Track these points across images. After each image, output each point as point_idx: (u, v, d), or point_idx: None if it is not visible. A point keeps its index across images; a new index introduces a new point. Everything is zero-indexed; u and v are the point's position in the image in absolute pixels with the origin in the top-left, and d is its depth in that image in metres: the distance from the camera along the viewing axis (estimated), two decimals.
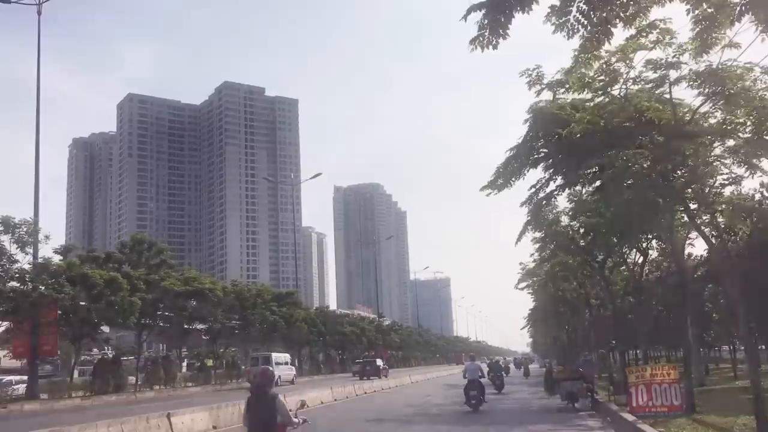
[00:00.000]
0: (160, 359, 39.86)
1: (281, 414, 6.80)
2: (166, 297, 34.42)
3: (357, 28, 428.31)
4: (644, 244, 20.37)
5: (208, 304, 39.37)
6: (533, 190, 14.09)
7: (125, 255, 36.11)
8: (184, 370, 46.16)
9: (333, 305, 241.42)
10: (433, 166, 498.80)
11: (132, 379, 35.58)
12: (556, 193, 13.95)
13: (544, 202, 14.18)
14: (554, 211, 23.37)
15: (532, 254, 30.78)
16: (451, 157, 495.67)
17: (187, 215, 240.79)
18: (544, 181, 13.53)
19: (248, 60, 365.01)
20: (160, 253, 36.85)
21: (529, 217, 14.67)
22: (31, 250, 26.72)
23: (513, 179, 13.79)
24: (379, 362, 55.70)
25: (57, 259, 30.35)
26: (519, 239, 15.65)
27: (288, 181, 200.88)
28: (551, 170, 13.48)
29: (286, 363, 45.13)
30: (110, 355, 37.83)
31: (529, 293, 51.50)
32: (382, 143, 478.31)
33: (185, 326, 40.62)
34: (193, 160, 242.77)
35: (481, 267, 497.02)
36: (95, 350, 47.52)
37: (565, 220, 23.76)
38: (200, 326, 42.52)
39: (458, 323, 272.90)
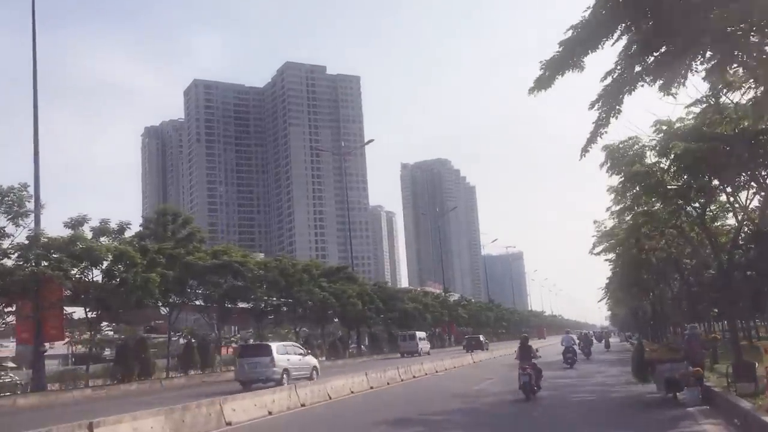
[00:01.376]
0: (196, 342, 36.49)
1: None
2: (190, 273, 30.75)
3: (421, 3, 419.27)
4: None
5: (245, 280, 35.65)
6: (608, 78, 9.15)
7: (150, 229, 32.68)
8: (230, 352, 43.03)
9: (405, 284, 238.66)
10: (502, 141, 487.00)
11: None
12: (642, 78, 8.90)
13: (627, 88, 9.09)
14: (635, 147, 18.23)
15: (609, 207, 25.41)
16: (520, 130, 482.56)
17: (256, 198, 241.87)
18: (626, 56, 8.55)
19: (312, 41, 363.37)
20: (186, 224, 33.23)
21: (600, 111, 9.55)
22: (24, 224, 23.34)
23: (572, 66, 8.96)
24: (482, 338, 64.35)
25: (66, 233, 26.93)
26: (586, 150, 10.62)
27: (347, 149, 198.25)
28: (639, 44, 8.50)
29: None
30: (139, 336, 34.67)
31: (606, 260, 45.80)
32: (449, 120, 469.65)
33: (226, 305, 37.20)
34: (259, 143, 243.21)
35: (555, 240, 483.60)
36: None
37: (650, 157, 18.49)
38: (243, 305, 38.86)
39: (532, 298, 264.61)
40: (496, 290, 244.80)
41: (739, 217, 18.32)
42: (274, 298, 40.82)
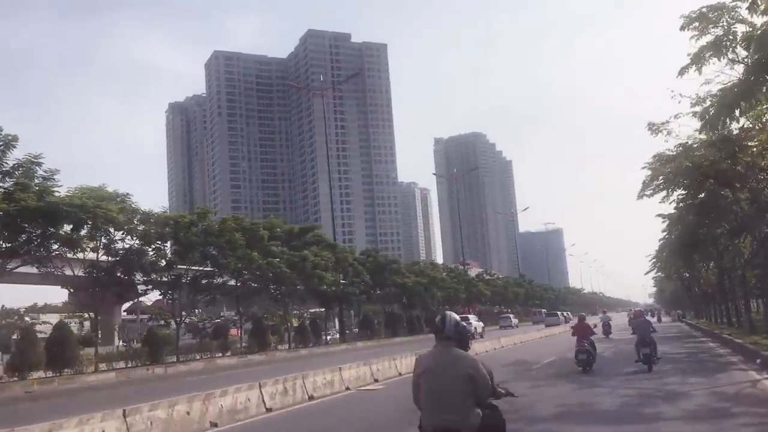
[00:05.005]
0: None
1: None
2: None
3: None
4: None
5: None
6: None
7: None
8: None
9: (440, 262, 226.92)
10: (539, 116, 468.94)
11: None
12: None
13: None
14: None
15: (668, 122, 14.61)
16: (558, 106, 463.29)
17: (280, 173, 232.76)
18: None
19: (342, 14, 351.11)
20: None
21: None
22: None
23: None
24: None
25: None
26: None
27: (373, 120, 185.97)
28: None
29: None
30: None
31: (660, 216, 34.15)
32: (484, 95, 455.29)
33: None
34: (282, 116, 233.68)
35: (597, 215, 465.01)
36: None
37: None
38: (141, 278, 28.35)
39: (572, 275, 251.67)
40: (534, 268, 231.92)
41: None
42: (193, 267, 30.16)
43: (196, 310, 50.70)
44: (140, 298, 37.32)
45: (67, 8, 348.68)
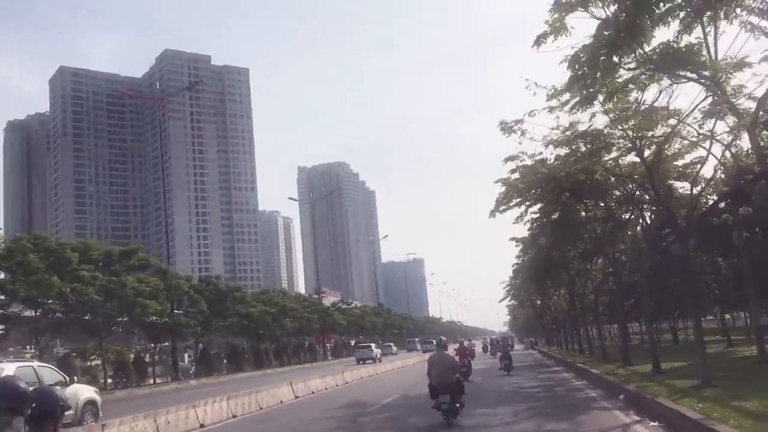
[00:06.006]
0: None
1: None
2: None
3: (326, 13, 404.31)
4: None
5: None
6: None
7: None
8: None
9: (302, 292, 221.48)
10: (403, 150, 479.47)
11: None
12: None
13: None
14: None
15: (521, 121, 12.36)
16: (419, 140, 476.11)
17: (132, 198, 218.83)
18: None
19: (214, 41, 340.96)
20: None
21: None
22: None
23: None
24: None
25: None
26: None
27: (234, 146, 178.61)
28: None
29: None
30: None
31: (514, 240, 32.68)
32: (349, 128, 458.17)
33: None
34: (135, 138, 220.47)
35: (457, 247, 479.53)
36: None
37: None
38: None
39: (432, 305, 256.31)
40: (397, 298, 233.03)
41: None
42: None
43: None
44: None
45: None
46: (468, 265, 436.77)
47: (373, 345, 58.00)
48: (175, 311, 39.64)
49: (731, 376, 15.08)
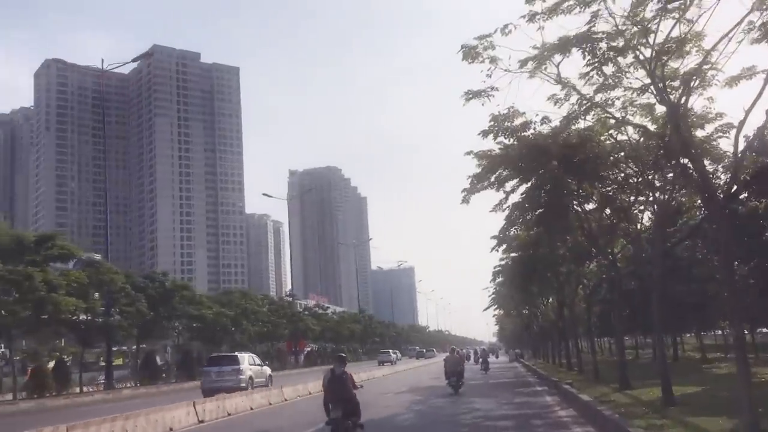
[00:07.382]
0: None
1: None
2: None
3: (320, 17, 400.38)
4: None
5: None
6: None
7: None
8: None
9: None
10: (393, 158, 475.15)
11: None
12: None
13: None
14: None
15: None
16: (412, 148, 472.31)
17: (114, 196, 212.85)
18: None
19: (206, 40, 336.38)
20: None
21: None
22: None
23: None
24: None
25: None
26: None
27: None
28: None
29: None
30: None
31: (496, 238, 27.80)
32: (342, 133, 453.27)
33: None
34: (120, 135, 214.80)
35: (448, 255, 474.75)
36: None
37: None
38: None
39: (422, 314, 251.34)
40: (386, 305, 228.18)
41: None
42: None
43: None
44: None
45: None
46: (459, 275, 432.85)
47: (390, 351, 72.57)
48: (113, 310, 34.71)
49: None
